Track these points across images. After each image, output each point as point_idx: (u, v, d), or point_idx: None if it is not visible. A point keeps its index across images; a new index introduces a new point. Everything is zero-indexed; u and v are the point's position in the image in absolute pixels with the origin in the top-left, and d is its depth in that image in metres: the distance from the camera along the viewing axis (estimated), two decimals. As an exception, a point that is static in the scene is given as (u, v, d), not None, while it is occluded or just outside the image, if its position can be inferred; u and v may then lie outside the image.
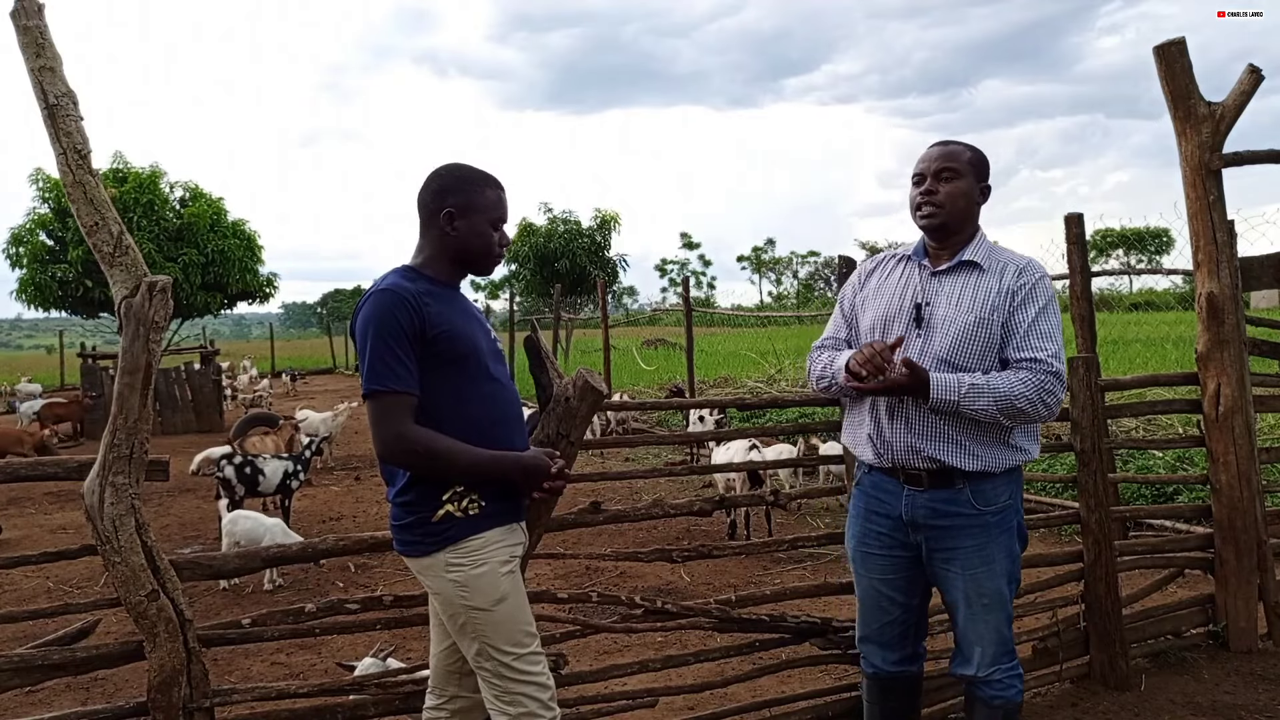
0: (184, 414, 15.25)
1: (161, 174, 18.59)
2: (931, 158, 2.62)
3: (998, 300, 2.52)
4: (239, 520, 5.88)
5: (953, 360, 2.52)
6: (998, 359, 2.53)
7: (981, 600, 2.58)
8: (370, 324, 2.13)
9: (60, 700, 4.12)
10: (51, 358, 36.40)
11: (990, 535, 2.57)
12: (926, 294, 2.61)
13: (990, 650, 2.61)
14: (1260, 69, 3.85)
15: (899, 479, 2.62)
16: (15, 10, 2.44)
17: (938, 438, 2.54)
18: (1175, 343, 12.66)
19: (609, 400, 2.70)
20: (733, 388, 14.24)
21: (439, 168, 2.33)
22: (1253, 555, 4.00)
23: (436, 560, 2.20)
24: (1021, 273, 2.55)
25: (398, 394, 2.11)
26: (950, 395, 2.43)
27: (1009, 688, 2.64)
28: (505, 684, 2.23)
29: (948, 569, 2.61)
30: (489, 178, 2.33)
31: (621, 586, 5.51)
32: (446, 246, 2.27)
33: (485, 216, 2.28)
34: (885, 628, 2.77)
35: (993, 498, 2.57)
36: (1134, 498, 6.40)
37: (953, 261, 2.61)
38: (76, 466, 2.61)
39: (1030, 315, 2.51)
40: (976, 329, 2.51)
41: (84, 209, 2.46)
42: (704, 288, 78.71)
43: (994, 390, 2.42)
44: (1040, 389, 2.43)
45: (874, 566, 2.74)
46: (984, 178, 2.64)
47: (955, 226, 2.60)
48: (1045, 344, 2.48)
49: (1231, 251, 3.98)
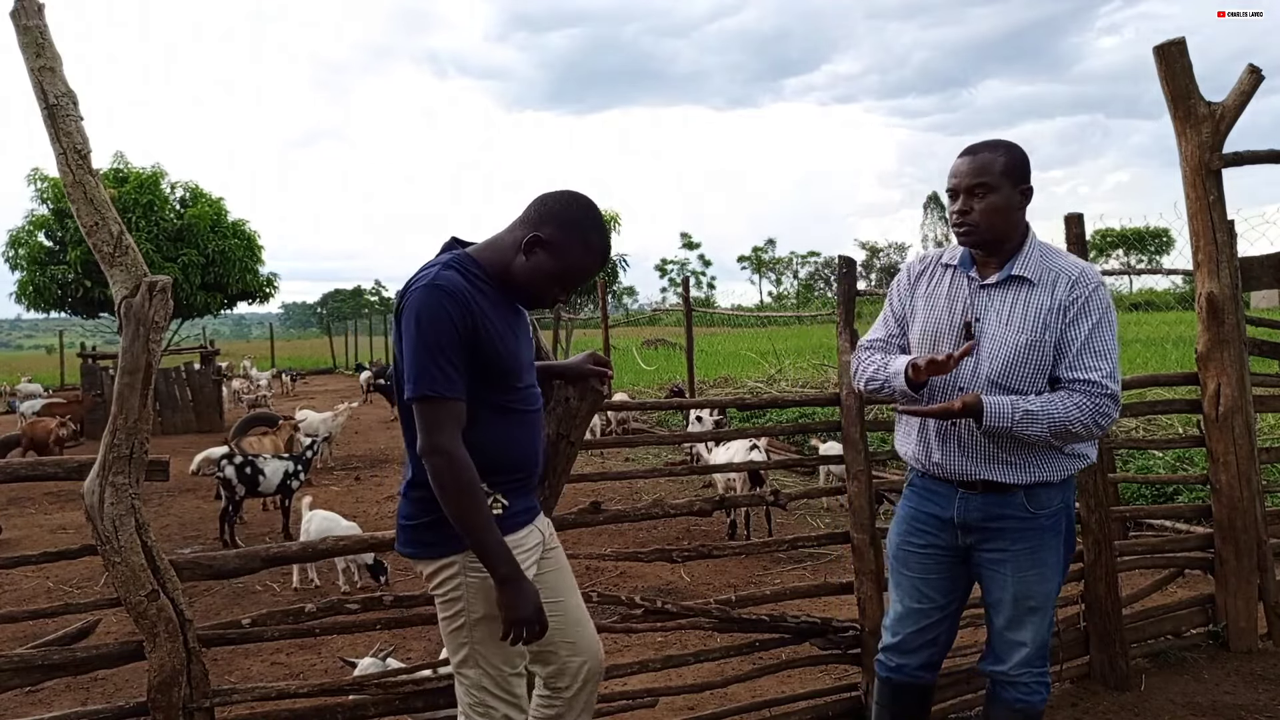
0: (184, 414, 15.25)
1: (162, 174, 18.61)
2: (962, 172, 2.48)
3: (1050, 318, 2.42)
4: (315, 519, 5.86)
5: (1004, 383, 2.44)
6: (1049, 377, 2.45)
7: (1029, 603, 2.54)
8: (420, 321, 2.01)
9: (60, 700, 4.12)
10: (51, 358, 36.40)
11: (1043, 539, 2.52)
12: (976, 309, 2.51)
13: (1030, 653, 2.57)
14: (1260, 69, 3.85)
15: (953, 483, 2.56)
16: (15, 10, 2.44)
17: (989, 460, 2.48)
18: (1175, 343, 12.68)
19: (609, 400, 2.68)
20: (733, 388, 14.24)
21: (572, 195, 2.18)
22: (1253, 555, 4.00)
23: (452, 563, 2.12)
24: (1074, 285, 2.43)
25: (447, 401, 2.02)
26: (1004, 423, 2.36)
27: (1035, 693, 2.59)
28: (484, 696, 2.16)
29: (996, 570, 2.55)
30: (601, 239, 2.17)
31: (621, 586, 5.51)
32: (514, 267, 2.14)
33: (565, 269, 2.14)
34: (919, 632, 2.70)
35: (1046, 501, 2.51)
36: (1134, 498, 6.40)
37: (1001, 275, 2.49)
38: (76, 466, 2.61)
39: (1084, 332, 2.40)
40: (1028, 350, 2.42)
41: (84, 209, 2.46)
42: (704, 288, 78.79)
43: (1049, 416, 2.35)
44: (1095, 412, 2.36)
45: (916, 566, 2.66)
46: (1023, 180, 2.47)
47: (996, 241, 2.48)
48: (1099, 364, 2.38)
49: (1231, 251, 3.99)
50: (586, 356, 2.47)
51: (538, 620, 2.09)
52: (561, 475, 2.60)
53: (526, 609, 2.06)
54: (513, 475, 2.20)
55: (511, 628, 2.07)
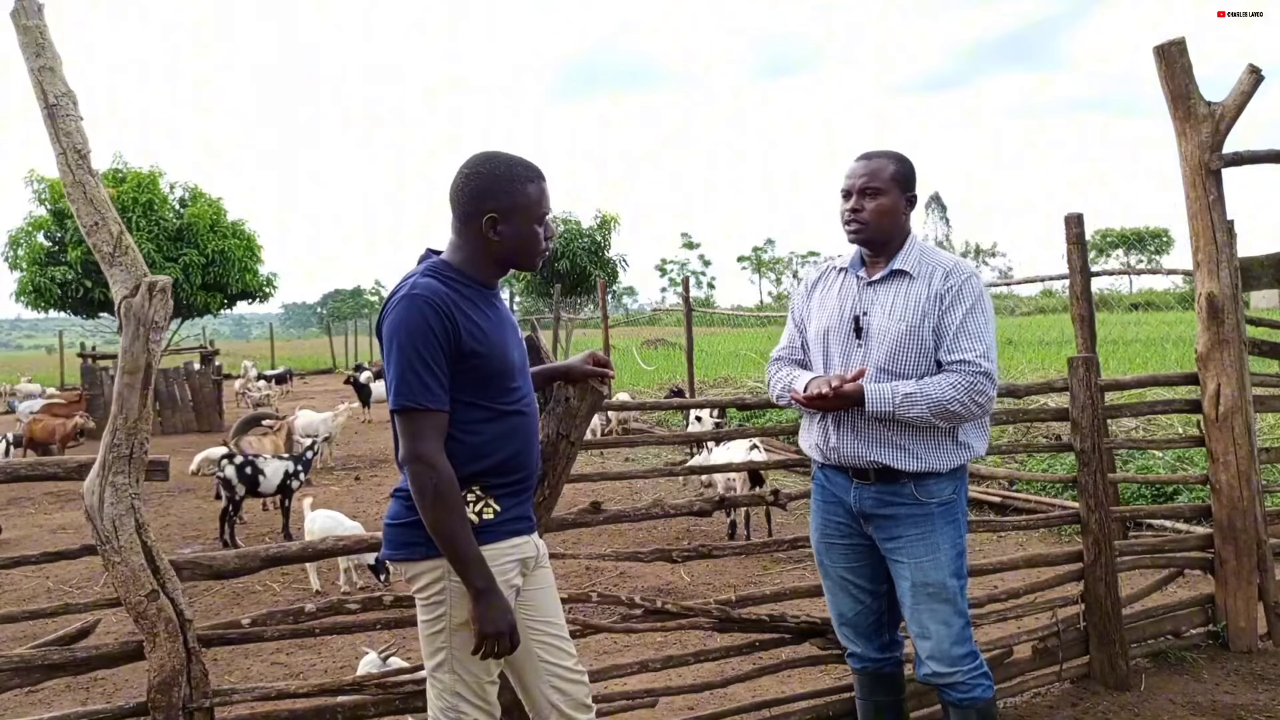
0: (184, 414, 15.26)
1: (161, 174, 18.62)
2: (856, 174, 2.70)
3: (927, 306, 2.61)
4: (317, 519, 5.85)
5: (891, 369, 2.62)
6: (934, 362, 2.61)
7: (927, 589, 2.65)
8: (401, 332, 2.02)
9: (60, 700, 4.13)
10: (51, 358, 36.42)
11: (934, 524, 2.66)
12: (863, 304, 2.71)
13: (940, 644, 2.65)
14: (1260, 69, 3.85)
15: (848, 474, 2.74)
16: (15, 10, 2.44)
17: (881, 443, 2.64)
18: (1175, 343, 12.66)
19: (609, 400, 2.67)
20: (733, 388, 14.24)
21: (476, 162, 2.17)
22: (1253, 555, 4.00)
23: (438, 566, 2.09)
24: (948, 275, 2.63)
25: (429, 412, 2.03)
26: (885, 406, 2.54)
27: (974, 687, 2.69)
28: (457, 701, 2.15)
29: (895, 560, 2.70)
30: (529, 170, 2.17)
31: (621, 586, 5.51)
32: (490, 251, 2.15)
33: (529, 216, 2.14)
34: (859, 616, 2.86)
35: (936, 490, 2.66)
36: (1134, 498, 6.40)
37: (885, 271, 2.70)
38: (76, 466, 2.61)
39: (958, 317, 2.58)
40: (909, 337, 2.61)
41: (84, 209, 2.46)
42: (704, 288, 78.79)
43: (927, 396, 2.52)
44: (970, 390, 2.52)
45: (838, 556, 2.85)
46: (909, 189, 2.71)
47: (882, 240, 2.69)
48: (974, 344, 2.56)
49: (1231, 251, 3.98)
50: (586, 356, 2.47)
51: (509, 636, 2.08)
52: (561, 475, 2.59)
53: (500, 624, 2.06)
54: (507, 479, 2.18)
55: (484, 641, 2.06)
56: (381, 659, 3.33)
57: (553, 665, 2.28)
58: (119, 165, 18.55)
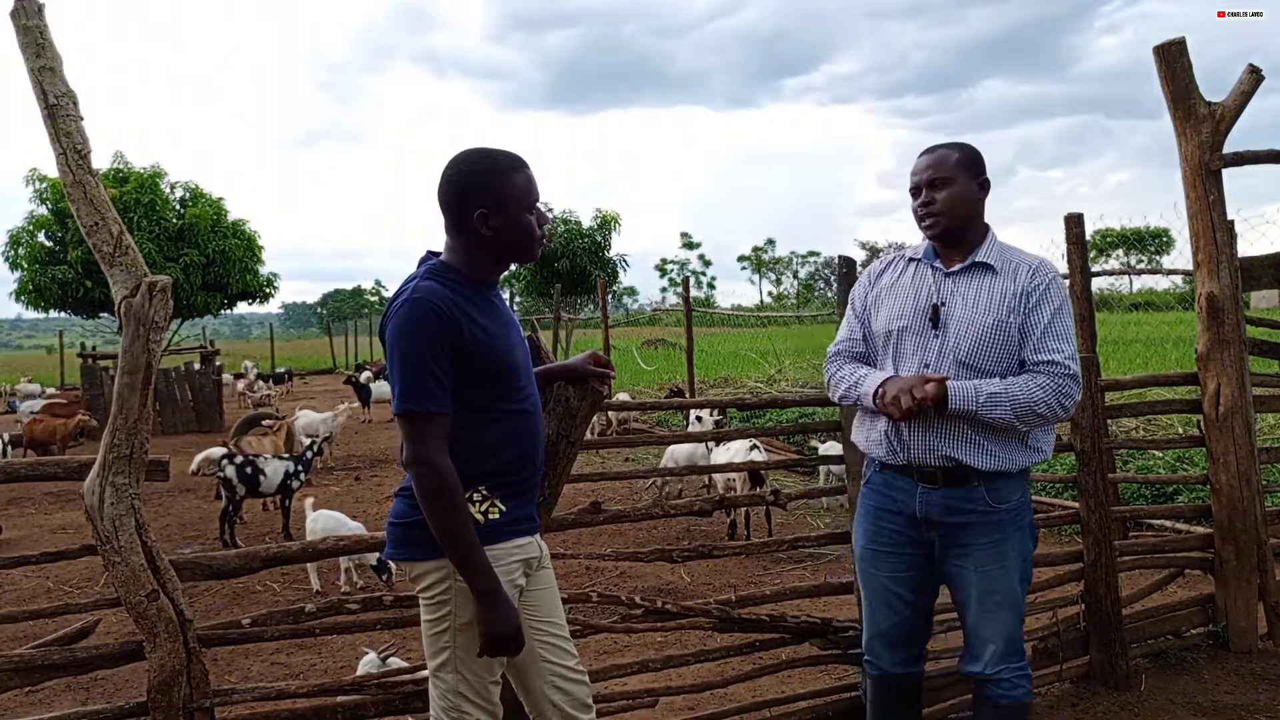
0: (184, 414, 15.25)
1: (162, 174, 18.61)
2: (921, 168, 2.63)
3: (1014, 302, 2.52)
4: (319, 519, 5.85)
5: (972, 363, 2.52)
6: (1016, 361, 2.53)
7: (994, 598, 2.59)
8: (403, 336, 2.02)
9: (60, 700, 4.12)
10: (51, 358, 36.39)
11: (1005, 532, 2.58)
12: (942, 294, 2.60)
13: (1000, 648, 2.61)
14: (1260, 69, 3.85)
15: (913, 477, 2.62)
16: (15, 10, 2.44)
17: (955, 437, 2.54)
18: (1175, 343, 12.66)
19: (609, 400, 2.67)
20: (733, 388, 14.24)
21: (458, 161, 2.17)
22: (1253, 555, 4.00)
23: (443, 565, 2.08)
24: (1035, 273, 2.55)
25: (432, 415, 2.03)
26: (969, 406, 2.45)
27: (1016, 687, 2.63)
28: (459, 701, 2.15)
29: (961, 566, 2.61)
30: (511, 160, 2.17)
31: (621, 586, 5.51)
32: (486, 247, 2.15)
33: (519, 205, 2.14)
34: (894, 628, 2.75)
35: (1007, 495, 2.58)
36: (1134, 498, 6.40)
37: (966, 263, 2.61)
38: (76, 466, 2.61)
39: (1046, 317, 2.51)
40: (995, 331, 2.52)
41: (84, 209, 2.46)
42: (704, 288, 78.78)
43: (1013, 398, 2.44)
44: (1059, 392, 2.45)
45: (885, 565, 2.72)
46: (979, 173, 2.62)
47: (960, 230, 2.60)
48: (1061, 345, 2.48)
49: (1231, 251, 3.98)
50: (587, 357, 2.47)
51: (515, 637, 2.08)
52: (561, 475, 2.59)
53: (506, 626, 2.06)
54: (512, 478, 2.19)
55: (490, 643, 2.06)
56: (381, 659, 3.33)
57: (555, 665, 2.28)
58: (120, 165, 18.54)
